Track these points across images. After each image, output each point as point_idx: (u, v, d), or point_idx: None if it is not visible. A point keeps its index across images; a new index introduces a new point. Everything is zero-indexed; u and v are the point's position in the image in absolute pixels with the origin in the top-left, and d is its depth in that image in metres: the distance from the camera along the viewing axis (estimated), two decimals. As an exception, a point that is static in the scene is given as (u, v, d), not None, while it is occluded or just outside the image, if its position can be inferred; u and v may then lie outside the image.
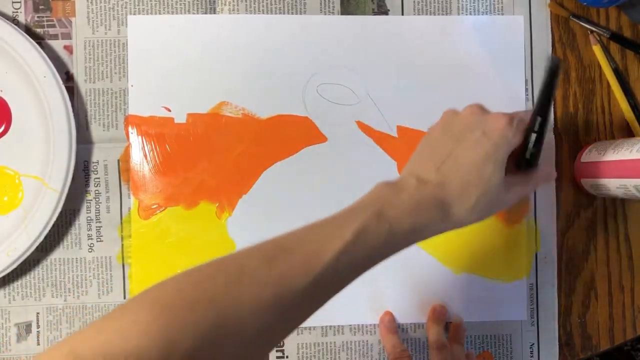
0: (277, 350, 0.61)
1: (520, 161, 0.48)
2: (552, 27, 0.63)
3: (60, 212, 0.57)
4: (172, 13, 0.60)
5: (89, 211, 0.60)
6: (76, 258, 0.60)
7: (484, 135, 0.45)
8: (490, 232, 0.62)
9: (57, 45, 0.60)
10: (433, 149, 0.46)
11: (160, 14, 0.60)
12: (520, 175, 0.47)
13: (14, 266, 0.56)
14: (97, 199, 0.60)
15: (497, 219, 0.62)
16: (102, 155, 0.60)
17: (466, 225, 0.45)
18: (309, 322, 0.61)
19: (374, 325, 0.61)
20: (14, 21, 0.59)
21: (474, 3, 0.62)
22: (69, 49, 0.60)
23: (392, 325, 0.61)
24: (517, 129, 0.46)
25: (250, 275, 0.38)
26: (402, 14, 0.62)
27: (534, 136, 0.47)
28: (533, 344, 0.63)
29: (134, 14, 0.60)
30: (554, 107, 0.63)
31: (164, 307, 0.35)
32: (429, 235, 0.44)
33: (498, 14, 0.62)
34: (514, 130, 0.45)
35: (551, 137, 0.62)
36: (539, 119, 0.47)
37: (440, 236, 0.62)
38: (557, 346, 0.63)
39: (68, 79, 0.60)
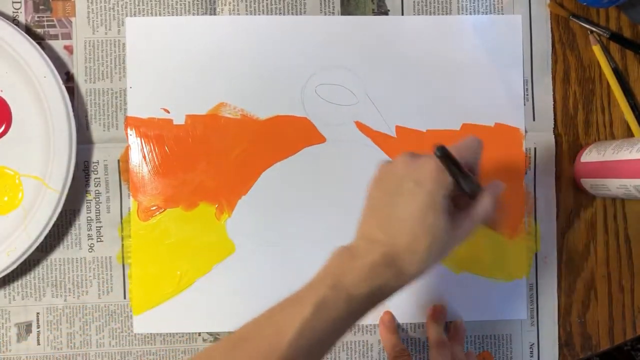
0: (276, 350, 0.61)
1: (459, 197, 0.47)
2: (552, 27, 0.63)
3: (60, 212, 0.57)
4: (173, 14, 0.60)
5: (89, 211, 0.60)
6: (76, 258, 0.60)
7: (417, 185, 0.43)
8: (490, 232, 0.62)
9: (57, 45, 0.60)
10: (375, 208, 0.46)
11: (160, 14, 0.60)
12: (465, 210, 0.46)
13: (14, 266, 0.57)
14: (97, 199, 0.60)
15: (501, 234, 0.62)
16: (102, 156, 0.60)
17: (423, 276, 0.45)
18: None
19: (374, 325, 0.61)
20: (14, 21, 0.59)
21: (473, 3, 0.62)
22: (69, 49, 0.60)
23: (392, 325, 0.61)
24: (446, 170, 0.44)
25: None
26: (402, 14, 0.62)
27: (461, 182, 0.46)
28: (533, 344, 0.63)
29: (134, 15, 0.60)
30: (554, 108, 0.63)
31: None
32: (388, 295, 0.44)
33: (498, 14, 0.62)
34: (443, 172, 0.44)
35: (551, 138, 0.62)
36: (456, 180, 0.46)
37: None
38: (557, 346, 0.63)
39: (68, 79, 0.60)
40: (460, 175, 0.45)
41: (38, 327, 0.60)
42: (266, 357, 0.39)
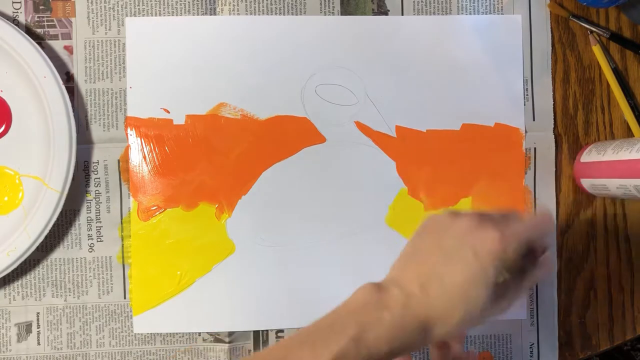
0: (276, 350, 0.61)
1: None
2: (552, 27, 0.63)
3: (61, 212, 0.57)
4: (172, 14, 0.60)
5: (89, 211, 0.60)
6: (76, 258, 0.60)
7: (475, 257, 0.42)
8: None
9: (57, 45, 0.60)
10: (420, 259, 0.44)
11: (160, 14, 0.60)
12: (513, 282, 0.44)
13: (14, 266, 0.56)
14: (97, 199, 0.60)
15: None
16: (102, 156, 0.60)
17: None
18: (309, 321, 0.61)
19: (374, 325, 0.61)
20: (14, 21, 0.59)
21: (473, 3, 0.62)
22: (69, 49, 0.60)
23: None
24: (510, 247, 0.42)
25: None
26: (402, 14, 0.62)
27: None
28: (533, 344, 0.63)
29: (134, 15, 0.60)
30: (554, 108, 0.63)
31: None
32: (407, 353, 0.43)
33: (498, 14, 0.62)
34: (506, 250, 0.42)
35: (551, 138, 0.62)
36: None
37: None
38: (557, 346, 0.63)
39: (68, 79, 0.60)
40: None
41: (38, 327, 0.60)
42: None
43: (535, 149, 0.62)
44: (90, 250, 0.60)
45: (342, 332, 0.40)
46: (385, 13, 0.62)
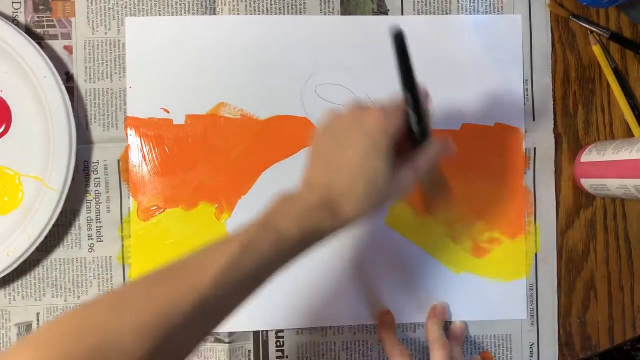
0: (277, 350, 0.61)
1: (412, 141, 0.48)
2: (552, 27, 0.63)
3: (61, 212, 0.57)
4: (173, 14, 0.60)
5: (89, 211, 0.60)
6: (76, 258, 0.60)
7: (363, 134, 0.45)
8: (490, 232, 0.62)
9: (57, 45, 0.60)
10: (320, 155, 0.48)
11: (160, 14, 0.60)
12: (411, 156, 0.48)
13: (15, 266, 0.57)
14: (97, 199, 0.60)
15: (501, 234, 0.62)
16: (102, 156, 0.60)
17: (361, 220, 0.46)
18: (309, 322, 0.61)
19: (374, 325, 0.61)
20: (14, 21, 0.59)
21: (474, 3, 0.62)
22: (69, 49, 0.60)
23: (391, 325, 0.61)
24: (392, 119, 0.46)
25: (131, 301, 0.39)
26: (402, 14, 0.62)
27: (411, 113, 0.47)
28: (533, 344, 0.63)
29: (134, 15, 0.60)
30: (554, 108, 0.63)
31: (45, 340, 0.36)
32: (322, 237, 0.45)
33: (498, 14, 0.62)
34: (389, 121, 0.46)
35: (551, 138, 0.62)
36: (408, 94, 0.47)
37: (440, 236, 0.62)
38: (557, 346, 0.63)
39: (68, 79, 0.60)
40: (407, 83, 0.47)
41: (38, 327, 0.60)
42: (187, 293, 0.39)
43: (535, 149, 0.62)
44: (90, 250, 0.60)
45: (251, 227, 0.43)
46: (385, 13, 0.62)
